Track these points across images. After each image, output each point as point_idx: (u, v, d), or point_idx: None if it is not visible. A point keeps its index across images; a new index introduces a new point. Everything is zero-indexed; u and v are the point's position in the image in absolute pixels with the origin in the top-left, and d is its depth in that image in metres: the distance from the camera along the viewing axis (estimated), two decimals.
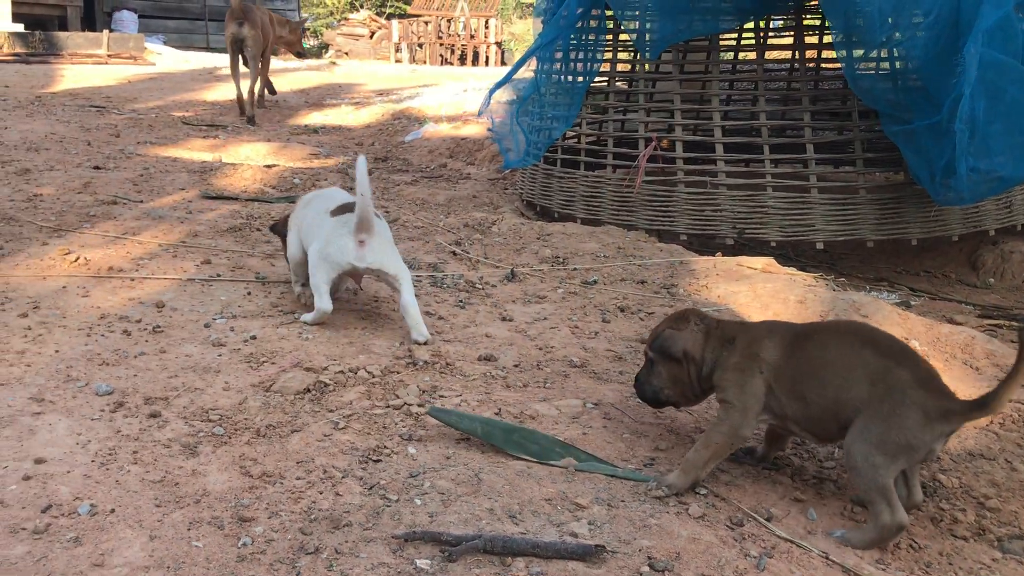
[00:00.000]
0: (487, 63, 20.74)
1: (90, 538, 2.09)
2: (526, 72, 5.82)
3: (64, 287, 3.82)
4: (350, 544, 2.11)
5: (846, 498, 2.49)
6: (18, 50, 14.46)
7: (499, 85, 5.98)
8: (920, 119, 4.63)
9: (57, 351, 3.15)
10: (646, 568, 2.06)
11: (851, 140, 5.50)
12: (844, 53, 4.89)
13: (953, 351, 3.56)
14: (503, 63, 21.90)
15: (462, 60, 21.53)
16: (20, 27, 15.39)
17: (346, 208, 3.45)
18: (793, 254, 6.01)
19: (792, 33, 6.42)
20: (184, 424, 2.68)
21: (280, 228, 3.98)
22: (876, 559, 2.20)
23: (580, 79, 5.80)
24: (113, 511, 2.20)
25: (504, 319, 3.86)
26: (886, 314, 3.77)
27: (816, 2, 5.63)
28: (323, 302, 3.48)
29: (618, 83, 6.27)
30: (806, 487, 2.56)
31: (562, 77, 5.87)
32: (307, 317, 3.59)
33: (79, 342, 3.24)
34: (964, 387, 3.17)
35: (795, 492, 2.51)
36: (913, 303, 5.12)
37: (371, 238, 3.38)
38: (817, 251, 5.70)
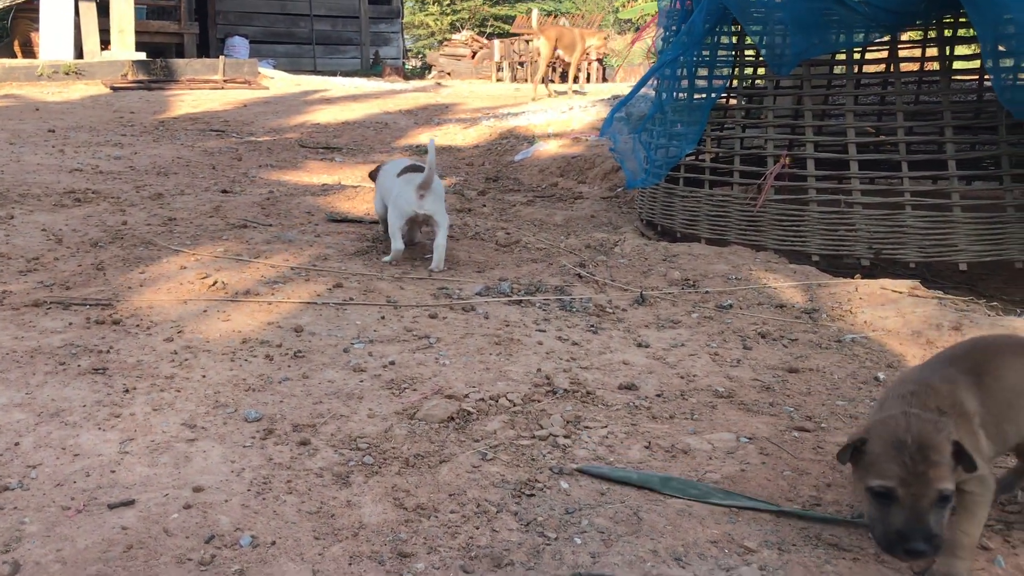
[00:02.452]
0: (588, 80, 20.68)
1: (254, 571, 2.08)
2: (648, 90, 5.72)
3: (204, 311, 3.89)
4: None
5: None
6: (140, 77, 15.13)
7: (622, 104, 5.90)
8: None
9: (204, 376, 3.20)
10: None
11: (997, 155, 5.19)
12: (992, 63, 4.62)
13: None
14: (604, 79, 21.80)
15: (563, 78, 21.54)
16: (142, 55, 16.10)
17: (411, 169, 4.71)
18: (930, 275, 5.72)
19: (912, 45, 6.17)
20: (334, 452, 2.67)
21: (374, 175, 5.26)
22: None
23: (705, 96, 5.66)
24: (274, 543, 2.19)
25: (639, 345, 3.76)
26: None
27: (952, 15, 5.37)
28: (397, 243, 4.69)
29: (743, 99, 6.10)
30: (992, 533, 2.37)
31: (686, 94, 5.74)
32: (387, 257, 4.75)
33: (224, 367, 3.29)
34: None
35: (982, 540, 2.32)
36: None
37: (428, 193, 4.53)
38: (957, 272, 5.40)
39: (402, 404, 3.02)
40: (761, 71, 6.15)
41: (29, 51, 16.93)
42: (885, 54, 6.15)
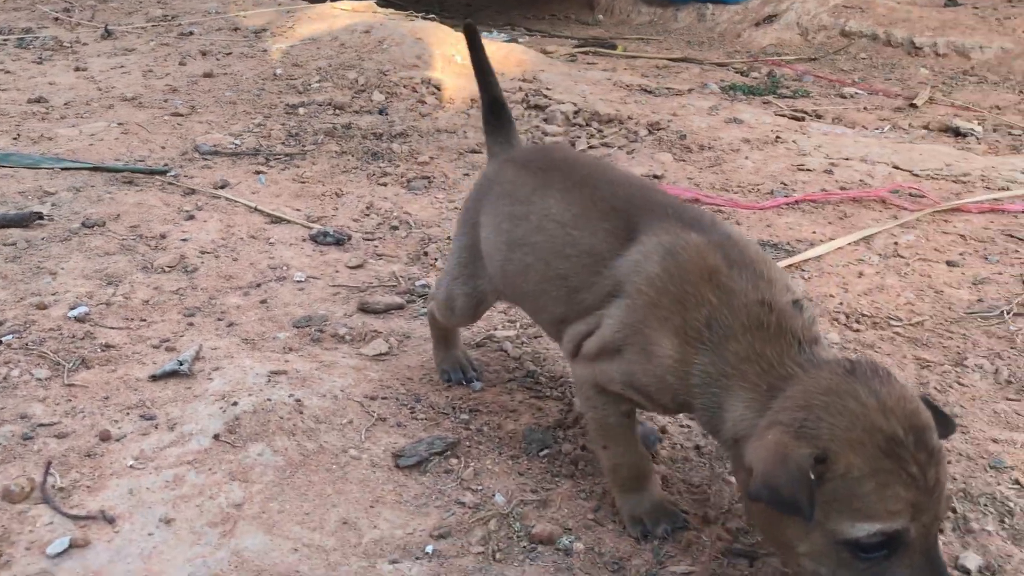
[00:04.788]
0: None
1: None
2: None
3: None
4: None
5: (305, 169, 2.90)
6: None
7: None
8: None
9: None
10: (78, 225, 2.39)
11: None
12: None
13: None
14: None
15: None
16: None
17: None
18: (440, 8, 6.29)
19: None
20: None
21: None
22: (295, 206, 2.63)
23: None
24: None
25: (77, 69, 3.96)
26: (443, 36, 4.15)
27: None
28: None
29: None
30: (278, 163, 2.94)
31: None
32: None
33: None
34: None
35: (261, 168, 2.89)
36: (522, 40, 5.57)
37: None
38: (462, 3, 5.99)
39: None
40: None
41: None
42: None
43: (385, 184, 2.79)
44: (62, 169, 2.79)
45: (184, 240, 2.34)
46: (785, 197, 2.60)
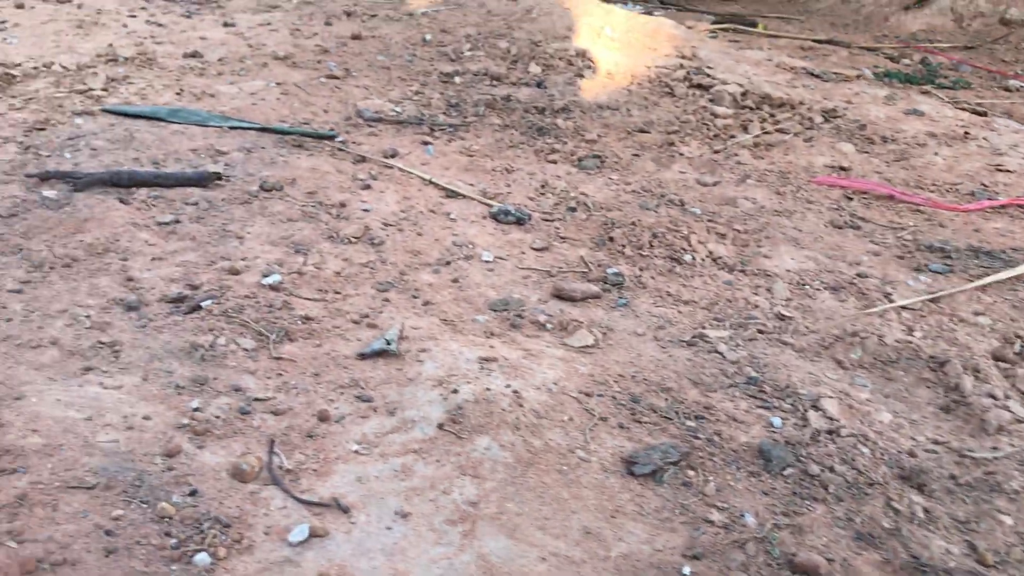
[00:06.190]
0: None
1: None
2: None
3: None
4: None
5: (471, 141, 2.82)
6: None
7: None
8: None
9: None
10: (255, 188, 2.36)
11: None
12: None
13: (640, 37, 3.86)
14: None
15: None
16: None
17: None
18: None
19: None
20: None
21: None
22: (467, 180, 2.56)
23: None
24: None
25: (226, 25, 3.95)
26: (590, 7, 4.03)
27: None
28: None
29: None
30: (443, 134, 2.87)
31: None
32: None
33: None
34: (635, 61, 3.51)
35: (427, 138, 2.82)
36: (657, 13, 5.39)
37: None
38: None
39: None
40: None
41: None
42: None
43: (555, 162, 2.70)
44: (230, 128, 2.77)
45: (366, 211, 2.29)
46: (989, 200, 2.43)
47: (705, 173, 2.65)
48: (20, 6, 3.97)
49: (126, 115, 2.84)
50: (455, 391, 1.56)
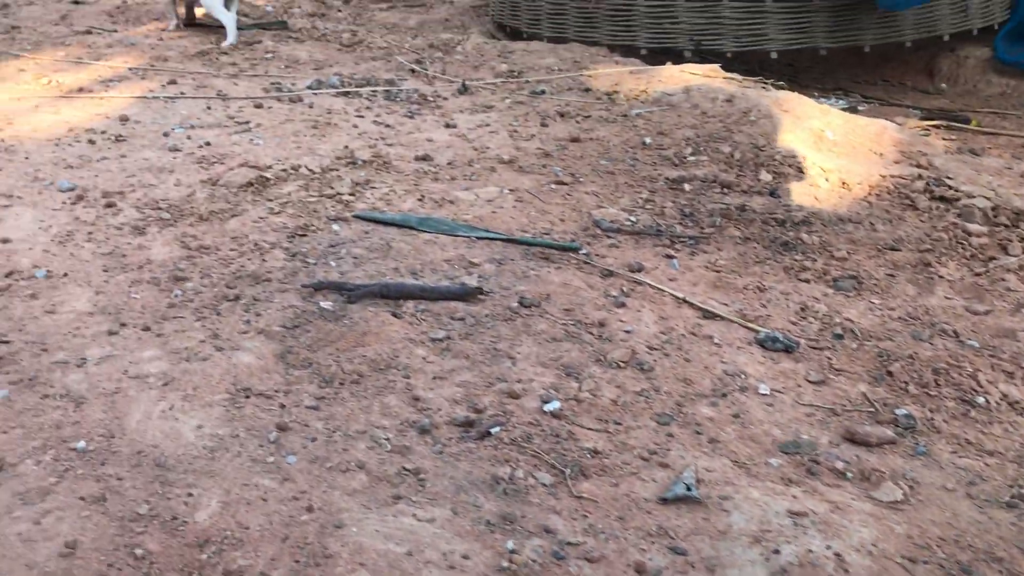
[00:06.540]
0: None
1: (44, 294, 2.45)
2: None
3: (36, 106, 4.09)
4: (267, 294, 2.47)
5: (714, 255, 2.80)
6: None
7: None
8: None
9: (27, 158, 3.46)
10: (516, 304, 2.40)
11: None
12: None
13: (863, 140, 3.77)
14: None
15: None
16: None
17: None
18: (759, 68, 6.12)
19: None
20: (136, 212, 3.01)
21: None
22: (719, 299, 2.53)
23: None
24: (66, 275, 2.56)
25: (448, 126, 4.11)
26: (807, 108, 3.97)
27: None
28: (228, 18, 5.41)
29: None
30: (684, 247, 2.86)
31: None
32: (230, 39, 5.40)
33: (47, 151, 3.55)
34: (867, 169, 3.42)
35: (669, 251, 2.82)
36: (861, 108, 5.28)
37: None
38: (781, 63, 5.80)
39: (208, 175, 3.34)
40: None
41: None
42: None
43: (807, 280, 2.63)
44: (477, 238, 2.84)
45: (627, 332, 2.29)
46: None
47: (972, 299, 2.52)
48: (259, 106, 4.27)
49: (378, 222, 2.97)
50: (776, 551, 1.50)
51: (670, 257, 2.76)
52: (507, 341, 2.22)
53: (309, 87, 4.63)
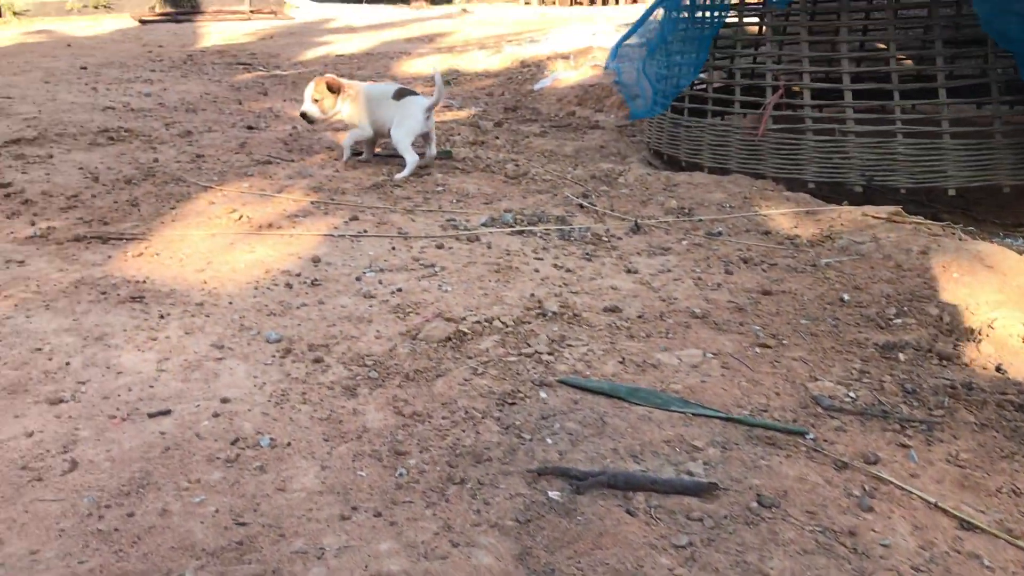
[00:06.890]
0: (618, 2, 20.46)
1: (272, 467, 2.47)
2: (653, 21, 5.89)
3: (231, 243, 4.26)
4: (491, 476, 2.41)
5: (952, 444, 2.61)
6: (168, 9, 15.35)
7: (626, 37, 6.08)
8: None
9: (231, 303, 3.57)
10: (755, 504, 2.27)
11: (987, 81, 5.34)
12: None
13: None
14: (635, 0, 21.55)
15: (592, 0, 21.32)
16: None
17: (404, 92, 5.73)
18: (927, 201, 5.92)
19: None
20: (344, 368, 3.04)
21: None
22: (969, 502, 2.34)
23: (707, 26, 5.84)
24: (289, 444, 2.58)
25: (628, 271, 4.07)
26: (1011, 262, 3.77)
27: None
28: (412, 156, 5.59)
29: (746, 26, 6.25)
30: (916, 432, 2.69)
31: (689, 24, 5.91)
32: (406, 172, 5.55)
33: (248, 295, 3.66)
34: None
35: (901, 438, 2.65)
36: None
37: (432, 115, 5.61)
38: (952, 197, 5.60)
39: (406, 326, 3.37)
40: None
41: None
42: None
43: None
44: (693, 415, 2.74)
45: (883, 546, 2.13)
46: None
47: None
48: (440, 247, 4.33)
49: (585, 389, 2.91)
50: None
51: (905, 447, 2.59)
52: (755, 552, 2.09)
53: (484, 224, 4.69)
